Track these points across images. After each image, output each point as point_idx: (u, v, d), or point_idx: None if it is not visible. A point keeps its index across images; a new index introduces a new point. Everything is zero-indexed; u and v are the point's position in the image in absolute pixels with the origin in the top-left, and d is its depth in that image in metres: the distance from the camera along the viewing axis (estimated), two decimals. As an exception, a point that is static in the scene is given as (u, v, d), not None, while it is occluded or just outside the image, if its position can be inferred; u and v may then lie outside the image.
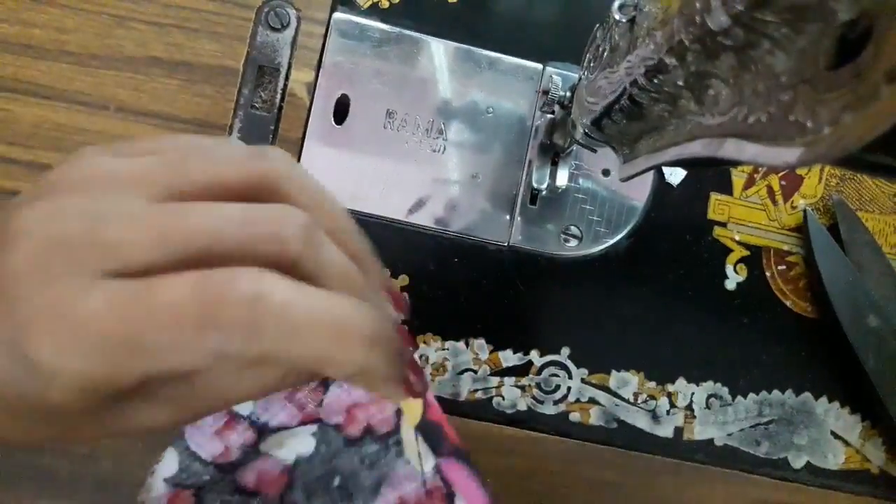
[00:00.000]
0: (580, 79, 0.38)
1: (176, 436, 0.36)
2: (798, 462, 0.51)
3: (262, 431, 0.35)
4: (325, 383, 0.35)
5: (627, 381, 0.49)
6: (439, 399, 0.47)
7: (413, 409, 0.34)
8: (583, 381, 0.49)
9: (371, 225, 0.47)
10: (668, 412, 0.50)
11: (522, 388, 0.48)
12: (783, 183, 0.52)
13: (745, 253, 0.51)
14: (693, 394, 0.50)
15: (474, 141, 0.49)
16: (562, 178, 0.47)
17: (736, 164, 0.33)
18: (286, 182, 0.25)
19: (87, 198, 0.23)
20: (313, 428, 0.36)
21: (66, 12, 0.44)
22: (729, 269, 0.51)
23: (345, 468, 0.38)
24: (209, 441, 0.35)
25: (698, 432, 0.50)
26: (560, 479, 0.48)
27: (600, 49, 0.34)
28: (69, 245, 0.22)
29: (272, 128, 0.46)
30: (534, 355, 0.48)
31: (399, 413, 0.36)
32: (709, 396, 0.50)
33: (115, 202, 0.23)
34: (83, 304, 0.21)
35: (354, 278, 0.26)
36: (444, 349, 0.48)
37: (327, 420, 0.35)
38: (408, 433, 0.37)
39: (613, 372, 0.49)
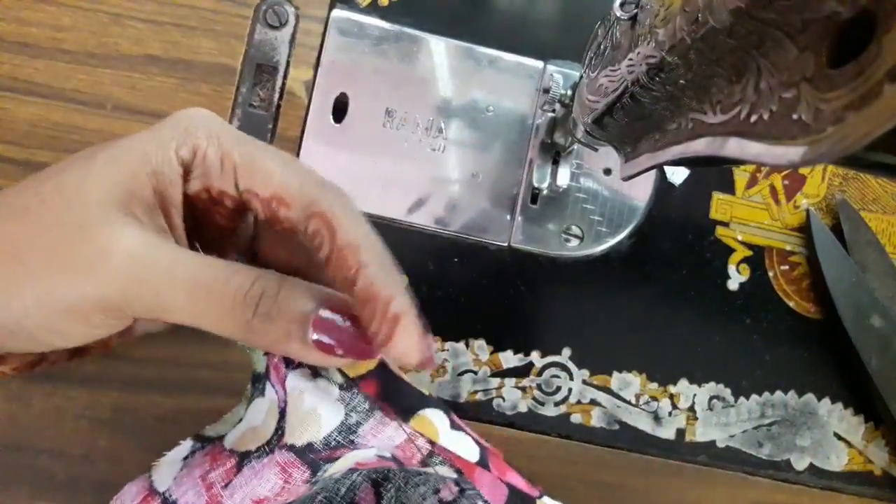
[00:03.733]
0: (581, 77, 0.37)
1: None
2: (801, 464, 0.50)
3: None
4: (240, 464, 0.32)
5: (629, 383, 0.49)
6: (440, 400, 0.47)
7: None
8: (584, 382, 0.49)
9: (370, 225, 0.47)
10: (669, 413, 0.49)
11: (523, 389, 0.48)
12: (786, 182, 0.51)
13: (748, 253, 0.51)
14: (695, 395, 0.49)
15: (474, 140, 0.48)
16: (563, 177, 0.47)
17: (739, 162, 0.33)
18: (337, 216, 0.29)
19: None
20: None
21: (62, 10, 0.44)
22: (731, 270, 0.51)
23: None
24: None
25: (700, 434, 0.49)
26: (561, 480, 0.48)
27: (602, 47, 0.34)
28: None
29: (270, 126, 0.46)
30: (534, 356, 0.48)
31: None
32: (711, 398, 0.50)
33: None
34: None
35: None
36: (444, 350, 0.47)
37: None
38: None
39: (615, 373, 0.49)
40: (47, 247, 0.26)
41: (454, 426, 0.31)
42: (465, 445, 0.31)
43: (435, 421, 0.30)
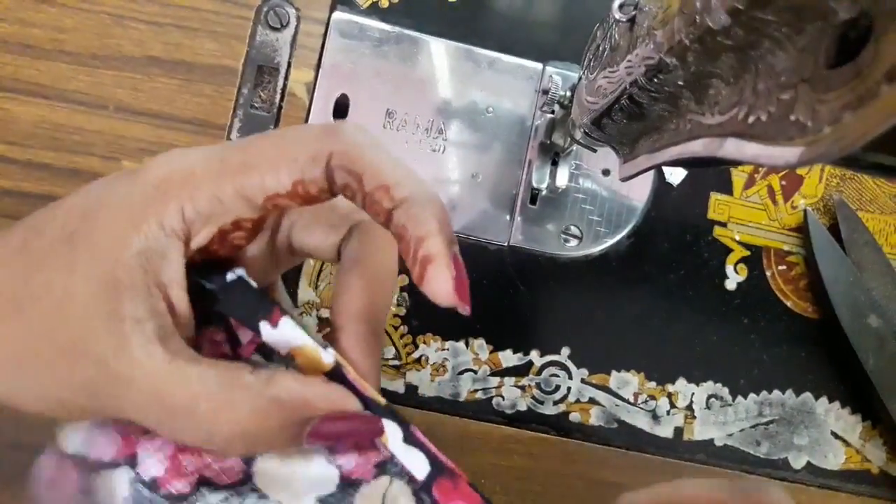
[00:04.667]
0: (580, 78, 0.38)
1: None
2: (798, 462, 0.51)
3: (83, 468, 0.32)
4: None
5: (627, 382, 0.49)
6: (440, 399, 0.47)
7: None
8: (583, 381, 0.49)
9: (371, 225, 0.47)
10: (668, 412, 0.49)
11: (522, 388, 0.48)
12: (783, 183, 0.52)
13: (746, 253, 0.51)
14: (693, 394, 0.50)
15: (474, 141, 0.49)
16: (562, 177, 0.47)
17: (736, 163, 0.33)
18: (357, 161, 0.26)
19: None
20: (123, 477, 0.30)
21: (64, 11, 0.44)
22: (729, 269, 0.51)
23: None
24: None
25: (698, 432, 0.50)
26: (560, 479, 0.48)
27: (600, 48, 0.34)
28: None
29: (271, 127, 0.46)
30: (534, 355, 0.48)
31: (249, 462, 0.31)
32: (709, 397, 0.50)
33: None
34: None
35: None
36: (444, 349, 0.48)
37: (142, 468, 0.30)
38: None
39: (613, 372, 0.49)
40: (46, 361, 0.27)
41: (409, 440, 0.30)
42: (413, 462, 0.30)
43: (387, 431, 0.29)
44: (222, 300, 0.29)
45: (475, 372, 0.48)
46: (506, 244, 0.49)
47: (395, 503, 0.30)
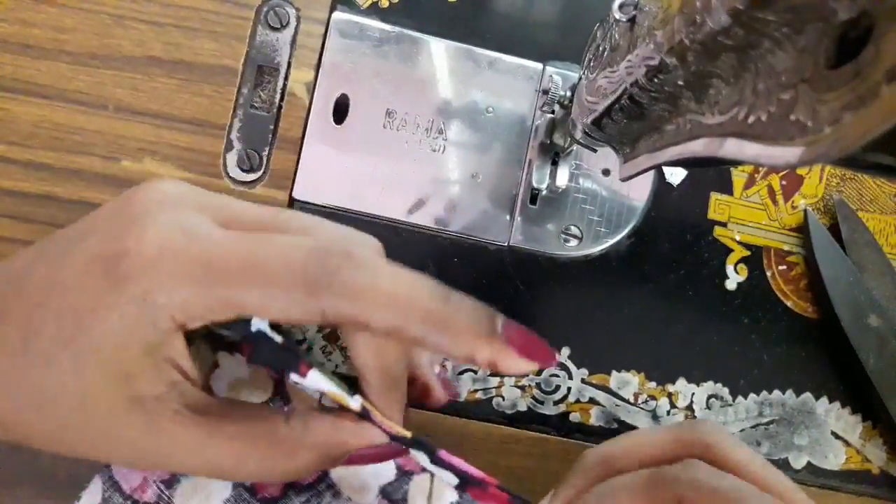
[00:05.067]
0: (580, 78, 0.38)
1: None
2: (798, 462, 0.51)
3: (174, 474, 0.35)
4: None
5: (628, 382, 0.49)
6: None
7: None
8: (583, 381, 0.49)
9: (371, 225, 0.47)
10: (668, 412, 0.49)
11: (522, 388, 0.48)
12: (784, 183, 0.52)
13: (746, 253, 0.51)
14: (693, 394, 0.50)
15: (474, 141, 0.49)
16: (562, 177, 0.47)
17: (736, 163, 0.33)
18: (360, 314, 0.27)
19: None
20: (226, 493, 0.34)
21: (64, 11, 0.44)
22: (729, 269, 0.51)
23: None
24: (130, 470, 0.35)
25: (699, 433, 0.50)
26: (560, 479, 0.48)
27: (600, 48, 0.34)
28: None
29: (271, 127, 0.46)
30: (534, 355, 0.48)
31: None
32: (709, 397, 0.50)
33: None
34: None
35: None
36: (443, 349, 0.48)
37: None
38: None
39: (614, 372, 0.49)
40: (84, 446, 0.29)
41: (435, 462, 0.32)
42: (443, 476, 0.32)
43: (415, 456, 0.31)
44: (248, 350, 0.30)
45: (475, 372, 0.48)
46: (506, 244, 0.49)
47: (442, 492, 0.35)
